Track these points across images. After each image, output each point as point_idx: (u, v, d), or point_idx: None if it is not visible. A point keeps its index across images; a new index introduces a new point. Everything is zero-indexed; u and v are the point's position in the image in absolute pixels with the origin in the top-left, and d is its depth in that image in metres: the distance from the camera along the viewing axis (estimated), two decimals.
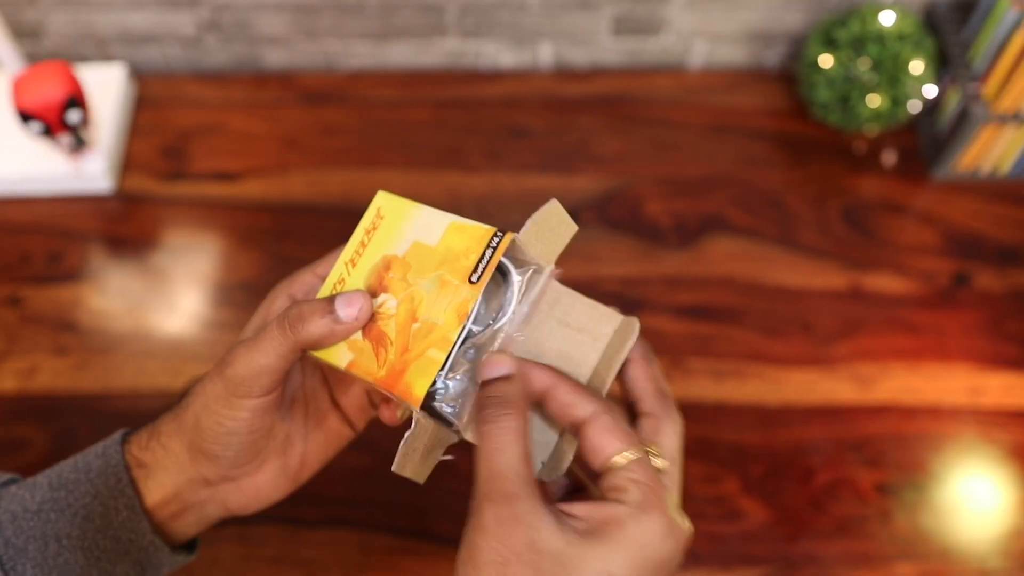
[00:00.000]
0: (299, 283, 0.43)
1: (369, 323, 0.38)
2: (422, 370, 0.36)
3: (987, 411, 0.68)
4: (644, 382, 0.39)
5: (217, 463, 0.40)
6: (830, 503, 0.64)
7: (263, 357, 0.37)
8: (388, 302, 0.38)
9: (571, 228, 0.40)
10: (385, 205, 0.42)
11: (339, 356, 0.38)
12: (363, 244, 0.41)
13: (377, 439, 0.67)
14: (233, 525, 0.62)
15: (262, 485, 0.43)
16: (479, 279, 0.37)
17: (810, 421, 0.68)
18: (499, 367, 0.36)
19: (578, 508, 0.34)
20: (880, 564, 0.62)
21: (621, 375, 0.40)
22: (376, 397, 0.46)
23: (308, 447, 0.44)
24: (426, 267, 0.38)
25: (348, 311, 0.37)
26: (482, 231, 0.38)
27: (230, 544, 0.62)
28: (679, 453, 0.39)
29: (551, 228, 0.39)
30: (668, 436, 0.38)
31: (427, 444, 0.38)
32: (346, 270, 0.40)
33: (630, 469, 0.34)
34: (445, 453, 0.40)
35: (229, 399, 0.38)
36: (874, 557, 0.62)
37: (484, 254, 0.37)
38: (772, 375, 0.70)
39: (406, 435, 0.37)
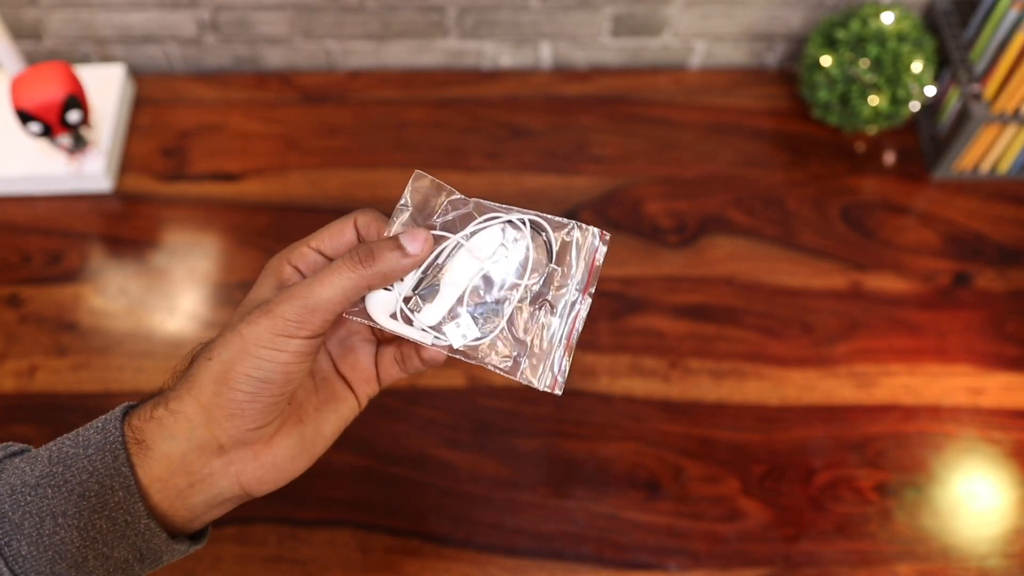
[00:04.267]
0: (298, 254, 0.43)
1: None
2: None
3: (987, 411, 0.68)
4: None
5: (240, 420, 0.39)
6: (830, 503, 0.64)
7: (326, 291, 0.39)
8: None
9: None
10: None
11: None
12: None
13: (377, 440, 0.68)
14: (233, 525, 0.63)
15: (279, 455, 0.42)
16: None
17: (810, 421, 0.68)
18: (414, 243, 0.41)
19: None
20: (880, 564, 0.62)
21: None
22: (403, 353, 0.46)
23: (321, 417, 0.44)
24: None
25: (414, 245, 0.40)
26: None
27: (230, 544, 0.62)
28: None
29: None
30: None
31: None
32: None
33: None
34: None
35: (274, 338, 0.38)
36: (874, 557, 0.62)
37: None
38: (772, 375, 0.70)
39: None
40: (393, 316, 0.42)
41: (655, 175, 0.81)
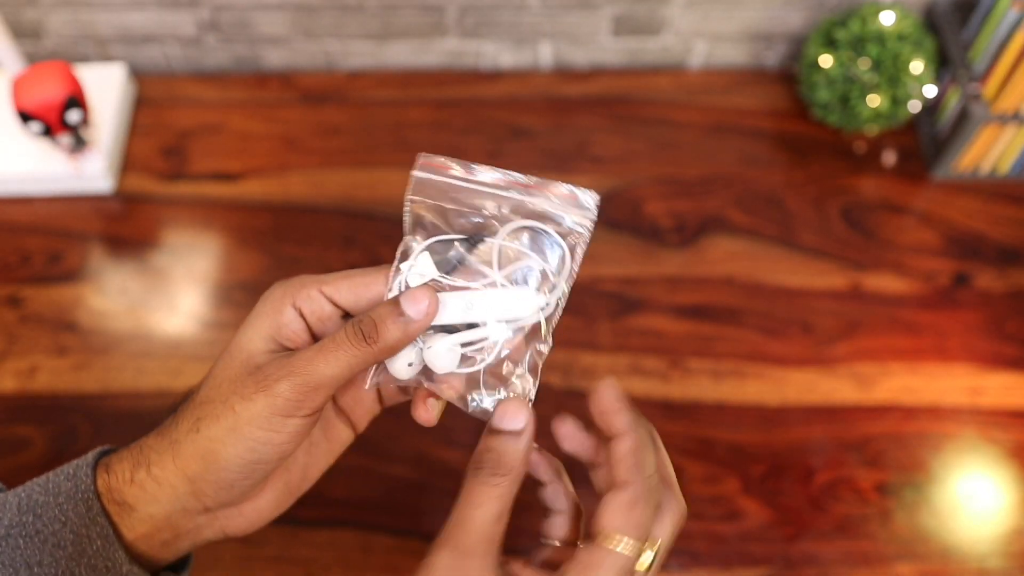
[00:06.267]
0: (305, 296, 0.39)
1: None
2: None
3: (987, 411, 0.68)
4: (628, 459, 0.36)
5: (228, 492, 0.37)
6: (830, 503, 0.64)
7: (331, 368, 0.35)
8: None
9: None
10: None
11: None
12: None
13: (377, 440, 0.68)
14: None
15: (264, 506, 0.40)
16: None
17: (810, 421, 0.68)
18: (514, 420, 0.37)
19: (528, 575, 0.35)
20: (880, 564, 0.62)
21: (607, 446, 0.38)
22: (400, 396, 0.44)
23: (311, 457, 0.42)
24: None
25: (417, 308, 0.36)
26: None
27: (230, 544, 0.62)
28: (671, 541, 0.37)
29: None
30: (665, 526, 0.37)
31: None
32: None
33: (599, 559, 0.34)
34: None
35: (271, 418, 0.35)
36: (874, 557, 0.62)
37: None
38: (772, 375, 0.70)
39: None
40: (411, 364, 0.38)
41: (655, 175, 0.81)
